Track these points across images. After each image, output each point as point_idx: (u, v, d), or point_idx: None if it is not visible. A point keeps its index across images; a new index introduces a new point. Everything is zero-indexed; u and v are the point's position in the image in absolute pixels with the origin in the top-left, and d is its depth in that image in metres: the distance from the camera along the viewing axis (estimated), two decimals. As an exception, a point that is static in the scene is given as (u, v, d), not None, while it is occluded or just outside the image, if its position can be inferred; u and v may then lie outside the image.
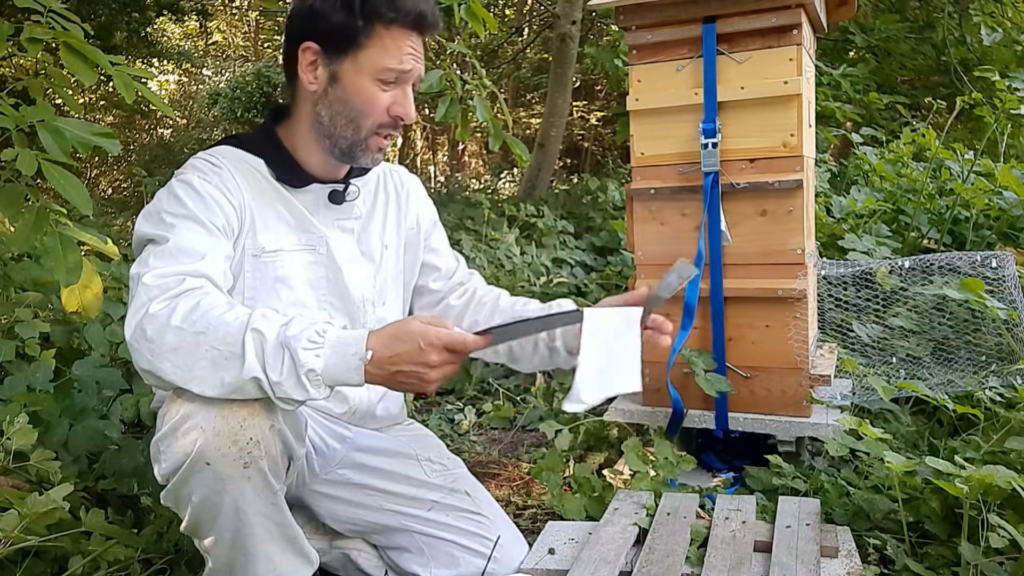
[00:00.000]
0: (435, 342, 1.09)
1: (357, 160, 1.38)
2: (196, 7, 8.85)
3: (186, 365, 1.09)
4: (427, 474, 1.52)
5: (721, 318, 1.99)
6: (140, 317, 1.11)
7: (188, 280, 1.15)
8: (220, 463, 1.11)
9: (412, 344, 1.09)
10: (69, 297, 1.65)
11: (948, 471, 1.43)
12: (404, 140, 13.98)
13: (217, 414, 1.11)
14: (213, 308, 1.11)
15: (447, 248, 1.67)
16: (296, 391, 1.08)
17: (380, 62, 1.30)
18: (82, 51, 1.51)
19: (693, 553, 1.45)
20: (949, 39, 5.48)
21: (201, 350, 1.08)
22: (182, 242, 1.20)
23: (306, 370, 1.07)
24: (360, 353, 1.09)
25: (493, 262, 4.08)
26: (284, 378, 1.08)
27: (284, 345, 1.08)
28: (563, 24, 5.98)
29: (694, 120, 1.97)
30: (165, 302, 1.11)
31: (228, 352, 1.08)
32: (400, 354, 1.10)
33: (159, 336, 1.09)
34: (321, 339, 1.09)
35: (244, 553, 1.19)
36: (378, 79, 1.31)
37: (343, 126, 1.34)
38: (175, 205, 1.26)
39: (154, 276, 1.15)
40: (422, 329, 1.10)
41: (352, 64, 1.31)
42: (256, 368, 1.07)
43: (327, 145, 1.36)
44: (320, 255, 1.40)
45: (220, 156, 1.35)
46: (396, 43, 1.30)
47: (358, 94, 1.32)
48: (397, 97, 1.33)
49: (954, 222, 3.52)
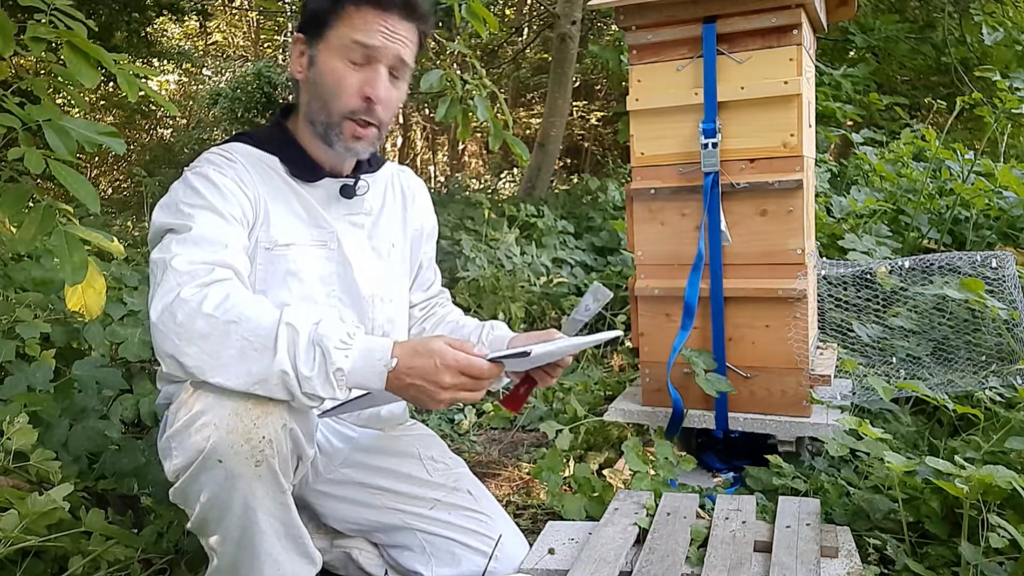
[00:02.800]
0: (451, 364, 1.12)
1: (333, 145, 1.37)
2: (196, 7, 8.85)
3: (214, 352, 1.10)
4: (429, 473, 1.52)
5: (721, 318, 1.99)
6: (170, 300, 1.12)
7: (217, 270, 1.16)
8: (232, 460, 1.11)
9: (429, 361, 1.12)
10: (72, 296, 1.65)
11: (948, 471, 1.43)
12: (404, 140, 13.98)
13: (231, 411, 1.11)
14: (244, 300, 1.13)
15: (432, 259, 1.69)
16: (323, 388, 1.10)
17: (347, 36, 1.31)
18: (85, 50, 1.51)
19: (693, 553, 1.45)
20: (949, 39, 5.48)
21: (231, 339, 1.10)
22: (204, 231, 1.21)
23: (335, 368, 1.10)
24: (386, 360, 1.12)
25: (493, 262, 4.07)
26: (315, 374, 1.09)
27: (316, 343, 1.10)
28: (563, 24, 5.98)
29: (694, 120, 1.97)
30: (196, 289, 1.12)
31: (259, 344, 1.09)
32: (416, 367, 1.12)
33: (189, 321, 1.10)
34: (351, 341, 1.12)
35: (250, 552, 1.19)
36: (347, 57, 1.32)
37: (318, 110, 1.35)
38: (192, 196, 1.27)
39: (183, 262, 1.15)
40: (441, 349, 1.13)
41: (325, 44, 1.34)
42: (286, 362, 1.09)
43: (313, 131, 1.38)
44: (332, 251, 1.41)
45: (233, 151, 1.37)
46: (364, 19, 1.31)
47: (329, 73, 1.33)
48: (368, 77, 1.33)
49: (954, 222, 3.52)
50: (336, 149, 1.38)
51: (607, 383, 2.82)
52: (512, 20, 10.80)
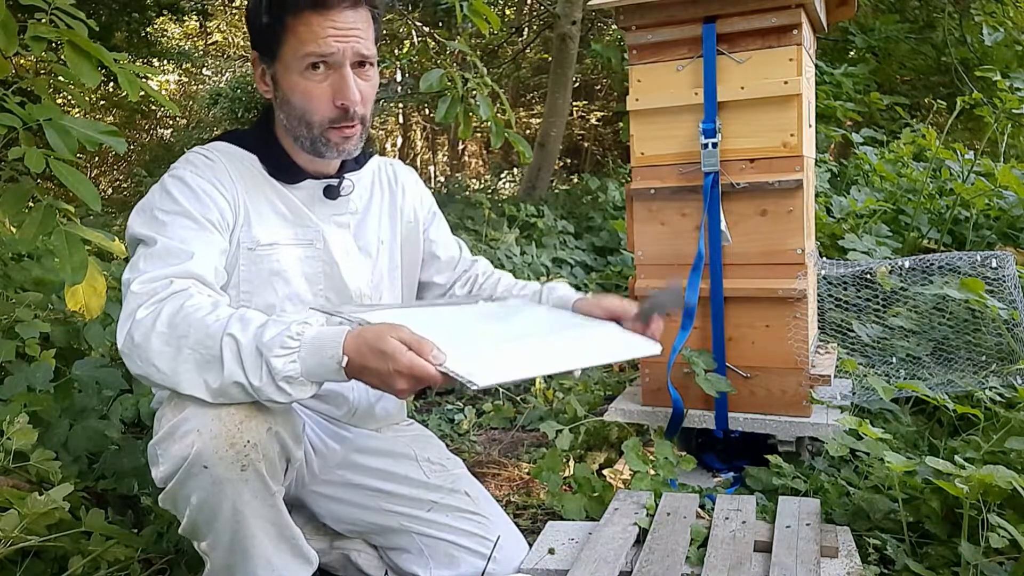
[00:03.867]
0: (403, 370, 1.04)
1: (324, 156, 1.36)
2: (196, 7, 8.85)
3: (172, 369, 1.10)
4: (426, 475, 1.52)
5: (721, 318, 1.99)
6: (129, 325, 1.12)
7: (175, 282, 1.15)
8: (217, 466, 1.11)
9: (383, 364, 1.05)
10: (73, 296, 1.65)
11: (948, 471, 1.43)
12: (404, 140, 13.98)
13: (214, 417, 1.11)
14: (196, 310, 1.11)
15: (448, 237, 1.66)
16: (278, 395, 1.09)
17: (299, 51, 1.28)
18: (86, 49, 1.51)
19: (693, 553, 1.45)
20: (949, 39, 5.48)
21: (183, 353, 1.09)
22: (171, 243, 1.20)
23: (281, 376, 1.07)
24: (337, 356, 1.07)
25: (493, 262, 4.07)
26: (264, 384, 1.08)
27: (259, 350, 1.07)
28: (563, 24, 5.98)
29: (694, 120, 1.97)
30: (151, 307, 1.12)
31: (208, 355, 1.08)
32: (369, 368, 1.07)
33: (145, 341, 1.10)
34: (295, 343, 1.08)
35: (243, 555, 1.19)
36: (307, 71, 1.28)
37: (297, 126, 1.33)
38: (167, 202, 1.26)
39: (141, 283, 1.15)
40: (394, 350, 1.04)
41: (281, 64, 1.31)
42: (236, 372, 1.07)
43: (297, 145, 1.37)
44: (317, 249, 1.40)
45: (214, 150, 1.36)
46: (309, 29, 1.26)
47: (294, 92, 1.31)
48: (335, 84, 1.30)
49: (954, 222, 3.52)
50: (328, 157, 1.37)
51: (607, 383, 2.82)
52: (512, 20, 10.80)
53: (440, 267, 1.62)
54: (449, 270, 1.62)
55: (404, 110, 13.20)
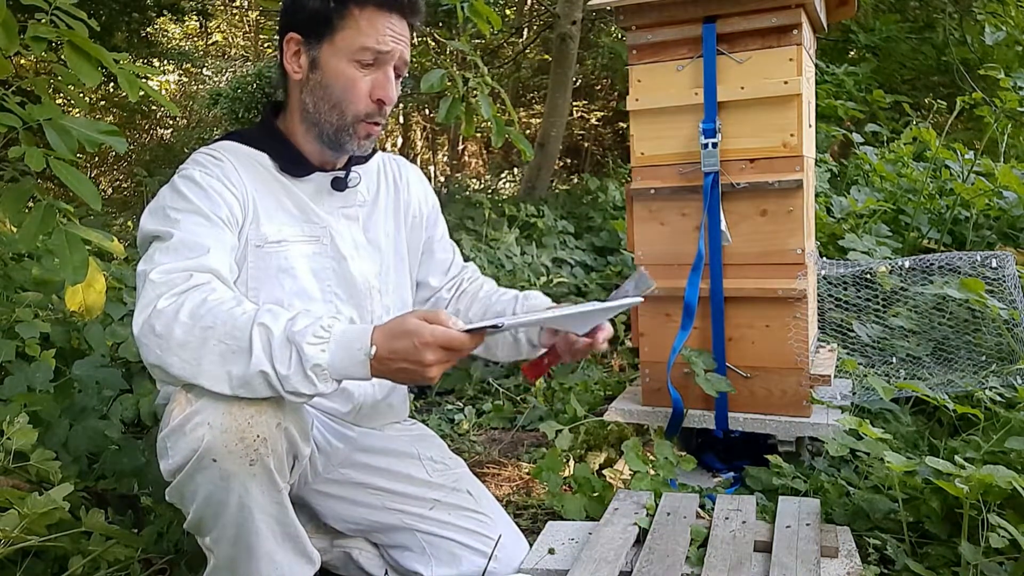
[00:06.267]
0: (430, 341, 1.08)
1: (344, 147, 1.38)
2: (196, 7, 8.84)
3: (195, 360, 1.10)
4: (429, 473, 1.52)
5: (721, 318, 1.99)
6: (148, 313, 1.12)
7: (195, 276, 1.16)
8: (227, 460, 1.11)
9: (408, 342, 1.09)
10: (73, 296, 1.65)
11: (948, 471, 1.43)
12: (404, 140, 13.98)
13: (225, 410, 1.11)
14: (220, 303, 1.12)
15: (445, 239, 1.67)
16: (304, 385, 1.09)
17: (356, 42, 1.31)
18: (86, 49, 1.51)
19: (693, 553, 1.45)
20: (950, 39, 5.47)
21: (209, 344, 1.09)
22: (187, 237, 1.21)
23: (312, 364, 1.08)
24: (365, 348, 1.10)
25: (493, 262, 4.08)
26: (292, 372, 1.08)
27: (290, 340, 1.08)
28: (563, 24, 5.98)
29: (694, 120, 1.97)
30: (173, 298, 1.12)
31: (236, 346, 1.09)
32: (397, 350, 1.09)
33: (167, 331, 1.10)
34: (327, 334, 1.10)
35: (247, 551, 1.19)
36: (356, 60, 1.32)
37: (327, 111, 1.35)
38: (178, 200, 1.27)
39: (161, 272, 1.15)
40: (417, 327, 1.09)
41: (330, 47, 1.33)
42: (264, 362, 1.08)
43: (316, 133, 1.38)
44: (324, 246, 1.41)
45: (222, 150, 1.37)
46: (371, 23, 1.31)
47: (337, 77, 1.33)
48: (378, 80, 1.33)
49: (954, 222, 3.52)
50: (347, 149, 1.38)
51: (607, 383, 2.82)
52: (512, 20, 10.80)
53: (434, 269, 1.63)
54: (442, 274, 1.63)
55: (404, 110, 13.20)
